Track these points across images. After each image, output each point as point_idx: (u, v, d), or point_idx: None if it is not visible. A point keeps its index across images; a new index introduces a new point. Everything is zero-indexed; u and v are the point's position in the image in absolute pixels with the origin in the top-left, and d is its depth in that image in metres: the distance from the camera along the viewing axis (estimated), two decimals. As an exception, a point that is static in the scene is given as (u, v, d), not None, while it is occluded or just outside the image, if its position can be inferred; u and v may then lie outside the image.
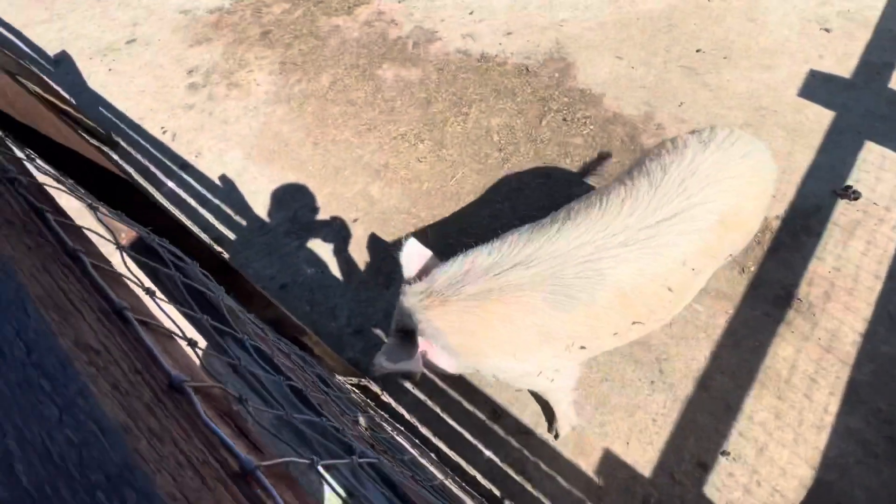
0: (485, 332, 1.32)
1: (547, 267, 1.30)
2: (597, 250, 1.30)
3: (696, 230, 1.32)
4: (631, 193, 1.38)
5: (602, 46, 3.25)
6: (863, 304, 2.00)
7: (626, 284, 1.31)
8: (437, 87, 3.27)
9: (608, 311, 1.33)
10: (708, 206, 1.33)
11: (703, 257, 1.37)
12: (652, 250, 1.30)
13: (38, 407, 0.22)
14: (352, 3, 4.12)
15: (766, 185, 1.50)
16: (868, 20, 2.98)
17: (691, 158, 1.38)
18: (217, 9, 4.43)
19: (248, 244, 2.72)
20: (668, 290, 1.37)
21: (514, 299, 1.29)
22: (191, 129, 3.41)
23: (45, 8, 4.98)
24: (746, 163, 1.41)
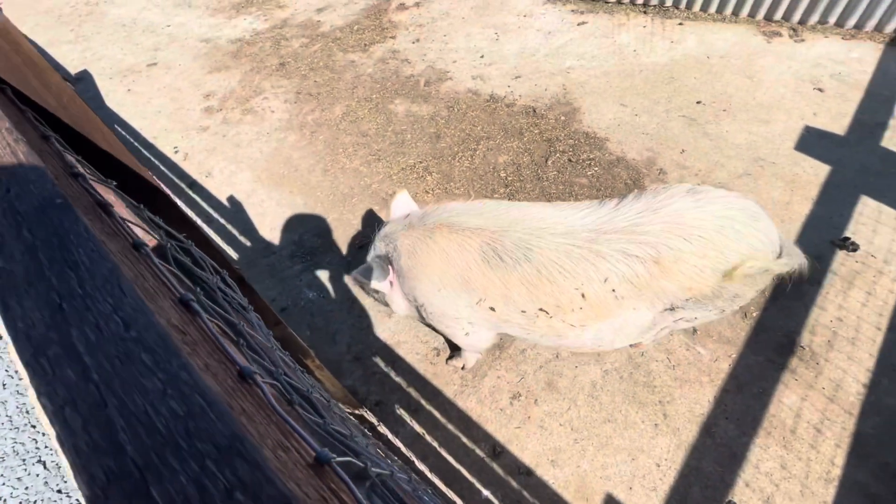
0: (425, 258, 1.55)
1: (494, 225, 1.50)
2: (537, 231, 1.46)
3: (630, 255, 1.38)
4: (597, 205, 1.51)
5: (607, 94, 3.39)
6: (865, 355, 2.00)
7: (544, 269, 1.43)
8: (447, 123, 3.37)
9: (522, 285, 1.46)
10: (651, 241, 1.37)
11: (626, 284, 1.40)
12: (580, 252, 1.41)
13: (140, 380, 0.22)
14: (367, 41, 4.32)
15: (723, 254, 1.38)
16: (859, 83, 3.15)
17: (662, 198, 1.44)
18: (238, 39, 4.62)
19: (251, 265, 2.71)
20: (581, 297, 1.43)
21: (456, 237, 1.51)
22: (203, 150, 3.48)
23: (72, 30, 5.18)
24: (713, 222, 1.38)
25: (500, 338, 2.24)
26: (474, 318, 1.62)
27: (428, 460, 1.94)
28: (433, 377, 2.17)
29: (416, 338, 2.30)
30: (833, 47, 3.45)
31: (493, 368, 2.15)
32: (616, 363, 2.11)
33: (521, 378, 2.12)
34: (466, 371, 2.16)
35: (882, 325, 2.07)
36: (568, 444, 1.91)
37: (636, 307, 1.47)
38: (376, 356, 2.27)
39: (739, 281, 1.42)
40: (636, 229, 1.40)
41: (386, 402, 2.12)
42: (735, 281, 1.41)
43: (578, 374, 2.10)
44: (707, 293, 1.44)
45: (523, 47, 3.94)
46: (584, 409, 1.99)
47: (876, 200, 2.52)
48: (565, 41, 3.93)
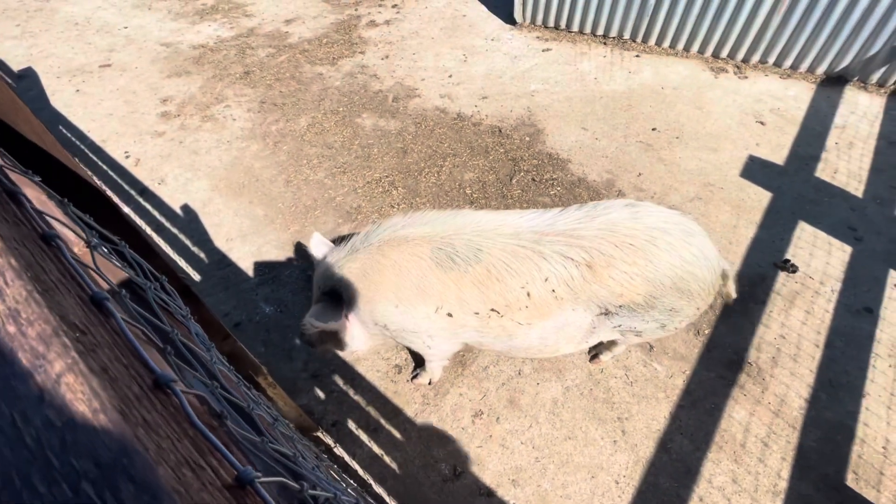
0: (377, 276, 1.54)
1: (442, 230, 1.53)
2: (485, 232, 1.51)
3: (567, 258, 1.44)
4: (541, 211, 1.58)
5: (569, 117, 3.52)
6: (806, 371, 2.11)
7: (493, 269, 1.47)
8: (414, 139, 3.38)
9: (474, 285, 1.49)
10: (585, 245, 1.44)
11: (563, 285, 1.46)
12: (525, 252, 1.46)
13: (11, 382, 0.18)
14: (336, 55, 4.30)
15: (653, 263, 1.42)
16: (795, 118, 3.42)
17: (602, 209, 1.52)
18: (201, 45, 4.49)
19: (204, 277, 2.57)
20: (527, 295, 1.49)
21: (407, 248, 1.51)
22: (157, 156, 3.31)
23: (18, 25, 4.88)
24: (645, 233, 1.43)
25: (462, 353, 2.21)
26: (433, 331, 1.62)
27: (386, 483, 1.86)
28: (394, 395, 2.11)
29: (376, 355, 2.24)
30: (773, 85, 3.75)
31: (455, 386, 2.12)
32: (576, 380, 2.12)
33: (484, 396, 2.09)
34: (433, 385, 2.11)
35: (820, 343, 2.20)
36: (529, 463, 1.89)
37: (574, 308, 1.52)
38: (335, 374, 2.19)
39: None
40: (573, 234, 1.46)
41: (343, 422, 2.03)
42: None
43: (540, 390, 2.10)
44: (639, 302, 1.49)
45: (490, 69, 4.05)
46: (545, 427, 1.99)
47: (812, 226, 2.71)
48: (531, 66, 4.07)
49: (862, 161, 3.10)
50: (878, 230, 2.67)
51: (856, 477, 1.81)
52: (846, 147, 3.20)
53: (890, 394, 2.02)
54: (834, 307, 2.33)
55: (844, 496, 1.76)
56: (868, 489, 1.77)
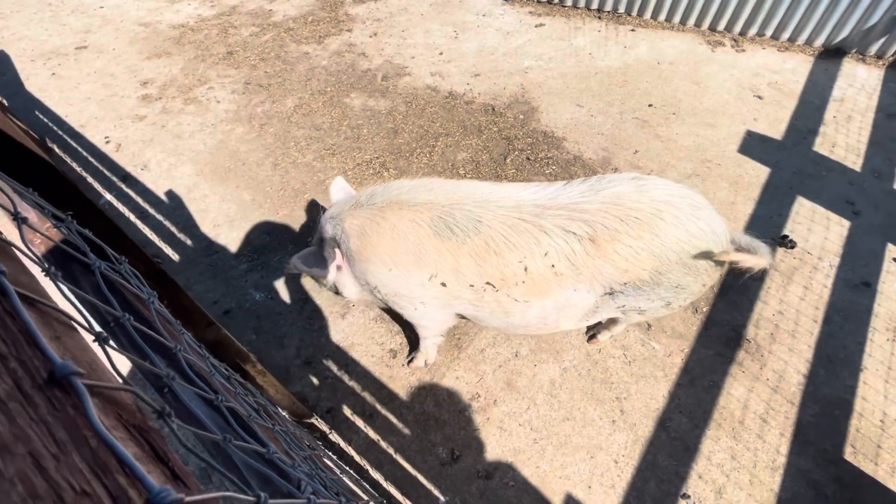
0: (375, 237, 1.52)
1: (444, 199, 1.50)
2: (486, 204, 1.47)
3: (569, 232, 1.40)
4: (546, 183, 1.53)
5: (564, 94, 3.43)
6: (804, 347, 2.10)
7: (492, 241, 1.44)
8: (405, 118, 3.29)
9: (470, 256, 1.47)
10: (588, 219, 1.40)
11: (564, 260, 1.43)
12: (526, 225, 1.42)
13: None
14: (322, 33, 4.16)
15: (659, 237, 1.39)
16: (793, 91, 3.36)
17: (607, 182, 1.46)
18: (181, 25, 4.32)
19: (190, 264, 2.50)
20: (524, 270, 1.45)
21: (407, 213, 1.50)
22: (139, 141, 3.20)
23: (-14, 6, 4.66)
24: (650, 206, 1.39)
25: (458, 336, 2.17)
26: (426, 298, 1.60)
27: (383, 468, 1.84)
28: (389, 380, 2.07)
29: (370, 339, 2.19)
30: (770, 58, 3.67)
31: (451, 369, 2.08)
32: (574, 360, 2.10)
33: (480, 378, 2.06)
34: (429, 366, 2.08)
35: (818, 318, 2.18)
36: (527, 445, 1.87)
37: (576, 287, 1.48)
38: (328, 360, 2.14)
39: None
40: (576, 207, 1.42)
41: (338, 409, 1.99)
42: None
43: (538, 372, 2.07)
44: (645, 278, 1.44)
45: (482, 46, 3.93)
46: (543, 409, 1.96)
47: (810, 201, 2.67)
48: (523, 42, 3.96)
49: (860, 134, 3.05)
50: (876, 204, 2.64)
51: (854, 451, 1.80)
52: (844, 120, 3.15)
53: (888, 368, 2.01)
54: (832, 282, 2.31)
55: (842, 470, 1.76)
56: (866, 462, 1.77)
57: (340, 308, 2.31)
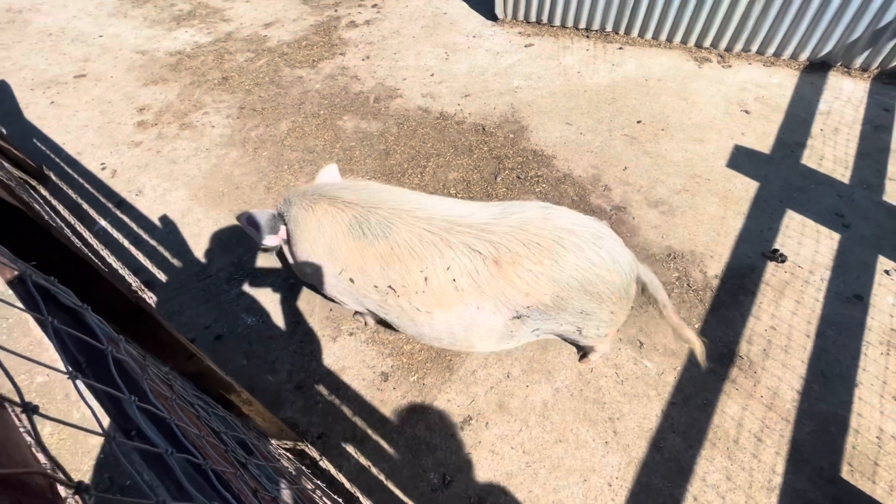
0: (303, 226, 1.68)
1: (366, 202, 1.61)
2: (401, 212, 1.56)
3: (474, 250, 1.46)
4: (468, 202, 1.64)
5: (553, 112, 3.47)
6: (797, 362, 2.08)
7: (397, 247, 1.52)
8: (397, 139, 3.33)
9: (376, 259, 1.56)
10: (494, 241, 1.45)
11: (466, 277, 1.47)
12: (432, 237, 1.49)
13: None
14: (316, 57, 4.24)
15: (558, 264, 1.42)
16: (780, 105, 3.40)
17: (518, 207, 1.54)
18: (178, 52, 4.41)
19: (183, 289, 2.51)
20: (424, 280, 1.51)
21: (331, 209, 1.63)
22: (134, 167, 3.24)
23: (-12, 37, 4.77)
24: (552, 233, 1.44)
25: (450, 358, 2.17)
26: (340, 289, 1.73)
27: (374, 495, 1.81)
28: (380, 404, 2.06)
29: (362, 363, 2.19)
30: (756, 73, 3.72)
31: (442, 392, 2.07)
32: (566, 380, 2.08)
33: (472, 400, 2.04)
34: (368, 328, 2.22)
35: (811, 333, 2.17)
36: (520, 469, 1.85)
37: (479, 306, 1.51)
38: (319, 384, 2.13)
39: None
40: (485, 227, 1.48)
41: (329, 434, 1.98)
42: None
43: (529, 393, 2.05)
44: (547, 303, 1.48)
45: (472, 67, 4.00)
46: (535, 430, 1.94)
47: (800, 214, 2.68)
48: (513, 62, 4.02)
49: (848, 146, 3.08)
50: (865, 216, 2.65)
51: (851, 469, 1.78)
52: (831, 133, 3.18)
53: (882, 382, 2.00)
54: (824, 296, 2.30)
55: (840, 489, 1.73)
56: (864, 481, 1.75)
57: (332, 331, 2.30)
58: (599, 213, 2.75)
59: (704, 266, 2.47)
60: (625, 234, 2.63)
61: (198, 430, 0.65)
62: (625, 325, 2.24)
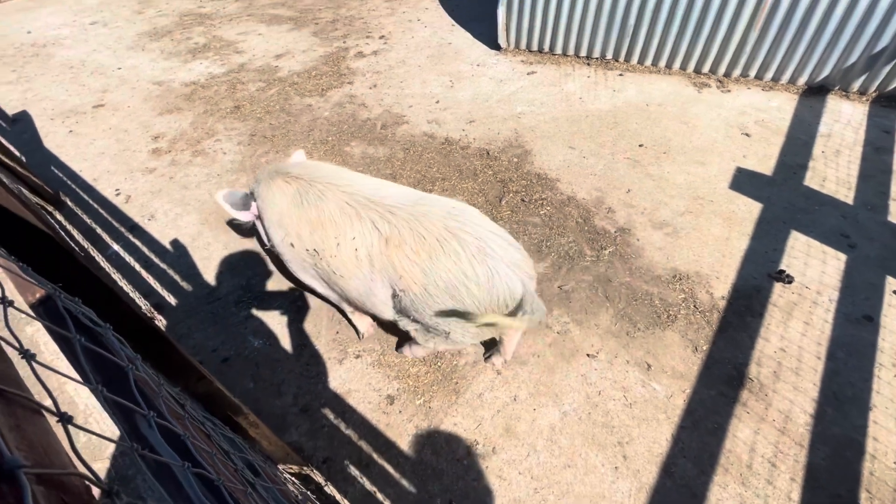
0: (265, 200, 1.88)
1: (311, 176, 1.80)
2: (332, 187, 1.75)
3: (376, 228, 1.65)
4: (398, 186, 1.82)
5: (556, 137, 3.55)
6: (809, 385, 2.05)
7: (323, 215, 1.72)
8: (403, 164, 3.40)
9: (307, 225, 1.76)
10: (393, 223, 1.62)
11: (364, 248, 1.66)
12: (350, 210, 1.69)
13: None
14: (325, 86, 4.38)
15: (432, 259, 1.55)
16: (780, 128, 3.45)
17: (433, 201, 1.70)
18: (192, 82, 4.58)
19: (192, 312, 2.54)
20: (336, 245, 1.71)
21: (282, 184, 1.83)
22: (147, 193, 3.32)
23: (14, 70, 4.99)
24: (440, 232, 1.57)
25: (456, 381, 2.16)
26: (287, 256, 1.94)
27: (379, 522, 1.78)
28: (386, 428, 2.04)
29: (367, 385, 2.18)
30: (755, 97, 3.79)
31: (448, 415, 2.05)
32: (574, 403, 2.06)
33: (479, 424, 2.02)
34: (363, 334, 2.33)
35: (821, 354, 2.15)
36: (528, 495, 1.81)
37: (372, 277, 1.69)
38: (325, 407, 2.13)
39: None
40: (391, 209, 1.65)
41: (335, 459, 1.96)
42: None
43: (537, 416, 2.03)
44: (416, 291, 1.61)
45: (477, 94, 4.11)
46: (543, 455, 1.92)
47: (804, 235, 2.69)
48: (516, 89, 4.13)
49: (850, 168, 3.10)
50: (870, 236, 2.65)
51: (869, 496, 1.73)
52: (833, 155, 3.21)
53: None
54: (833, 317, 2.29)
55: (859, 517, 1.68)
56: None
57: (338, 354, 2.31)
58: (604, 235, 2.77)
59: (710, 287, 2.46)
60: (630, 256, 2.65)
61: (209, 449, 0.66)
62: (631, 348, 2.23)
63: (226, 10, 6.13)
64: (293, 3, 6.23)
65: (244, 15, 5.96)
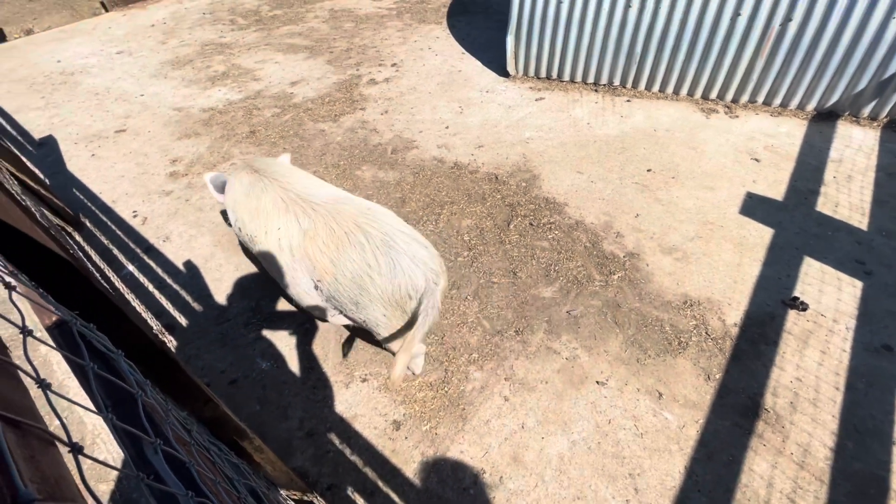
0: (230, 187, 2.17)
1: (264, 171, 2.06)
2: (276, 183, 1.97)
3: (297, 220, 1.83)
4: (330, 186, 2.04)
5: (564, 162, 3.58)
6: (828, 417, 1.99)
7: (262, 205, 1.96)
8: (413, 188, 3.45)
9: (249, 213, 2.01)
10: (313, 217, 1.80)
11: (286, 238, 1.85)
12: (281, 203, 1.89)
13: None
14: (338, 112, 4.50)
15: (339, 251, 1.74)
16: (790, 154, 3.44)
17: (350, 201, 1.89)
18: (210, 108, 4.74)
19: (202, 333, 2.56)
20: (265, 233, 1.93)
21: (244, 174, 2.10)
22: (164, 214, 3.41)
23: (42, 97, 5.22)
24: (348, 226, 1.75)
25: (463, 407, 2.13)
26: (242, 237, 2.16)
27: (383, 553, 1.74)
28: (392, 454, 2.01)
29: (373, 410, 2.16)
30: (764, 123, 3.81)
31: (455, 442, 2.02)
32: (583, 432, 2.02)
33: (486, 452, 1.99)
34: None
35: (840, 385, 2.08)
36: (536, 528, 1.76)
37: (294, 266, 1.86)
38: (331, 432, 2.11)
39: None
40: (314, 206, 1.83)
41: (339, 485, 1.93)
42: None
43: (545, 445, 1.99)
44: (329, 281, 1.77)
45: (486, 119, 4.18)
46: (552, 486, 1.87)
47: (818, 261, 2.65)
48: (524, 114, 4.21)
49: (863, 193, 3.07)
50: (887, 263, 2.60)
51: (896, 537, 1.65)
52: (845, 180, 3.19)
53: (922, 440, 1.88)
54: (851, 346, 2.23)
55: (886, 560, 1.60)
56: (911, 551, 1.61)
57: (345, 377, 2.30)
58: (613, 260, 2.76)
59: (722, 314, 2.42)
60: (639, 282, 2.63)
61: (213, 476, 0.67)
62: (642, 375, 2.19)
63: (245, 39, 6.38)
64: (309, 32, 6.47)
65: (262, 44, 6.20)
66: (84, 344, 0.65)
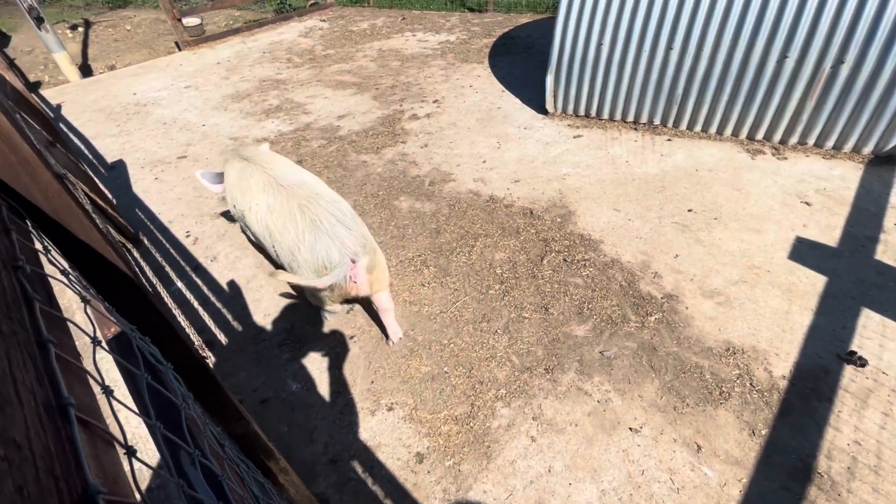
0: (226, 173, 2.59)
1: (252, 159, 2.47)
2: (260, 168, 2.39)
3: (267, 199, 2.28)
4: (305, 173, 2.44)
5: (601, 199, 3.56)
6: (892, 488, 1.80)
7: (248, 185, 2.39)
8: (448, 220, 3.52)
9: (239, 191, 2.44)
10: (275, 196, 2.25)
11: (261, 213, 2.30)
12: (263, 185, 2.32)
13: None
14: (380, 145, 4.70)
15: (280, 226, 2.21)
16: (845, 198, 3.27)
17: (304, 184, 2.29)
18: (263, 138, 5.07)
19: (239, 351, 2.66)
20: (249, 209, 2.38)
21: (236, 163, 2.53)
22: (213, 236, 3.62)
23: (117, 125, 5.76)
24: (302, 201, 2.17)
25: (488, 445, 2.08)
26: (234, 214, 2.60)
27: (399, 593, 1.69)
28: (413, 488, 1.98)
29: (398, 440, 2.15)
30: (815, 165, 3.66)
31: (478, 481, 1.97)
32: (614, 482, 1.92)
33: (510, 495, 1.92)
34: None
35: (906, 453, 1.89)
36: (560, 582, 1.66)
37: (264, 236, 2.33)
38: (354, 459, 2.10)
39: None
40: (281, 190, 2.24)
41: (359, 516, 1.91)
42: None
43: (573, 492, 1.90)
44: (278, 250, 2.26)
45: (523, 155, 4.25)
46: None
47: (879, 314, 2.46)
48: (562, 151, 4.24)
49: (928, 243, 2.86)
50: (959, 320, 2.38)
51: None
52: (907, 228, 2.99)
53: None
54: (918, 409, 2.03)
55: None
56: None
57: (371, 404, 2.31)
58: (650, 301, 2.68)
59: (769, 364, 2.28)
60: (678, 325, 2.52)
61: (241, 492, 0.69)
62: (679, 425, 2.07)
63: (298, 76, 6.85)
64: (358, 70, 6.87)
65: (314, 81, 6.63)
66: (140, 355, 0.71)
